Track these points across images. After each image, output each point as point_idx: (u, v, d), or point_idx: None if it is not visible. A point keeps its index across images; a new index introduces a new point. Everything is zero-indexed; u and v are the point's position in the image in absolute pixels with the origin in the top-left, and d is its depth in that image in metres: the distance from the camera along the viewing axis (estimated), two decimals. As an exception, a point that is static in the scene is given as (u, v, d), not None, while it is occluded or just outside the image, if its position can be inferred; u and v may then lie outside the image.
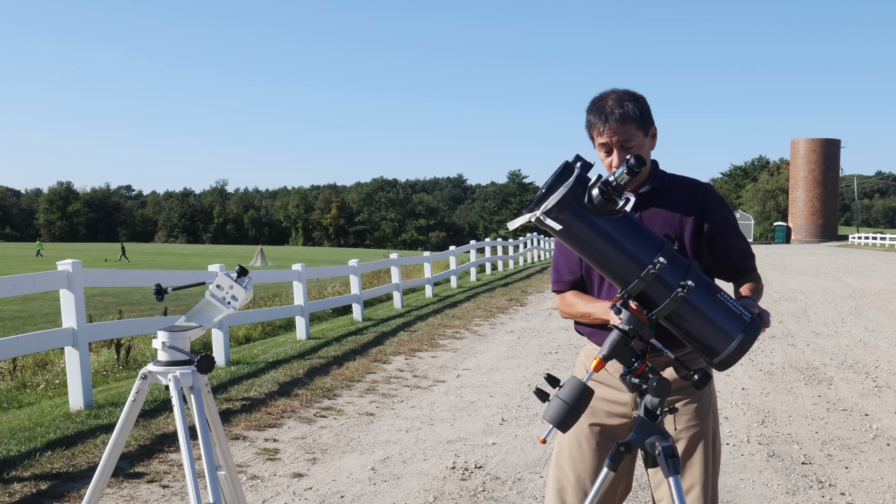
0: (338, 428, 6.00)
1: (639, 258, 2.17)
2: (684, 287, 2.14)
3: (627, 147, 2.47)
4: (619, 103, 2.45)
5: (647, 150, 2.51)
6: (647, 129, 2.50)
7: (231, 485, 2.67)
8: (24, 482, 4.53)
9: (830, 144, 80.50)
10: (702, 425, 2.62)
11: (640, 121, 2.47)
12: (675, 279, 2.17)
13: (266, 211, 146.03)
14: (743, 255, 2.62)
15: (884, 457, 5.34)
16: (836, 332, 11.50)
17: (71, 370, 6.41)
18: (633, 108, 2.45)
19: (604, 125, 2.47)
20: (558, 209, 2.15)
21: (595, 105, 2.50)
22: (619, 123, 2.44)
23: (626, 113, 2.44)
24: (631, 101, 2.46)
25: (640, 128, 2.48)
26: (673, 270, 2.17)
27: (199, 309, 2.60)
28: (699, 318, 2.21)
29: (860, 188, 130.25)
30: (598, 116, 2.48)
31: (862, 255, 42.58)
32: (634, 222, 2.21)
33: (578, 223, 2.16)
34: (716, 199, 2.58)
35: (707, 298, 2.20)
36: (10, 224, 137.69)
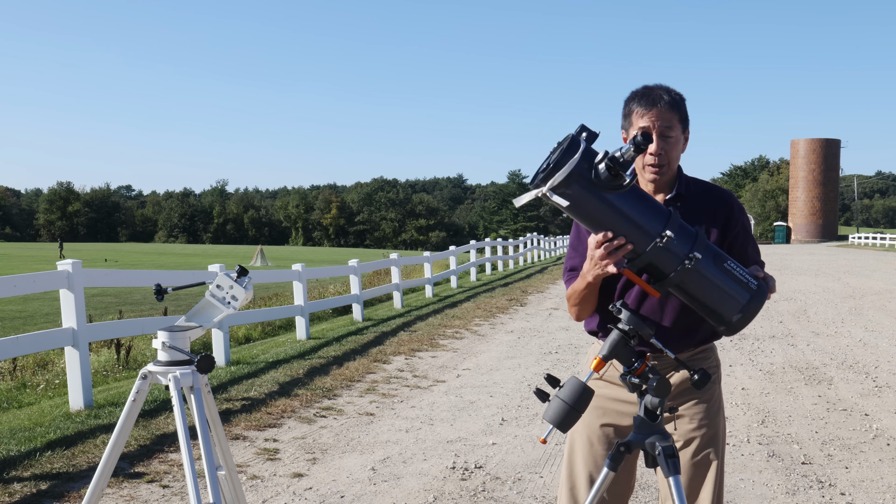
0: (338, 428, 6.00)
1: (647, 230, 2.19)
2: (692, 259, 2.18)
3: (667, 135, 2.47)
4: (668, 93, 2.48)
5: (679, 149, 2.53)
6: (684, 128, 2.53)
7: (231, 485, 2.67)
8: (24, 482, 4.53)
9: (830, 144, 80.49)
10: (713, 425, 2.63)
11: (682, 115, 2.51)
12: (683, 249, 2.20)
13: (266, 211, 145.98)
14: (754, 259, 2.62)
15: (884, 457, 5.34)
16: (836, 332, 11.50)
17: (71, 370, 6.41)
18: (680, 101, 2.50)
19: (650, 109, 2.46)
20: (565, 185, 2.15)
21: (641, 92, 2.50)
22: (667, 110, 2.46)
23: (674, 101, 2.47)
24: (678, 96, 2.51)
25: (681, 122, 2.50)
26: (680, 241, 2.20)
27: (199, 309, 2.60)
28: (707, 286, 2.24)
29: (860, 188, 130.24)
30: (645, 101, 2.47)
31: (862, 255, 42.58)
32: (642, 194, 2.22)
33: (586, 198, 2.16)
34: (739, 209, 2.62)
35: (714, 267, 2.23)
36: (10, 224, 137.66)
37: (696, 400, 2.62)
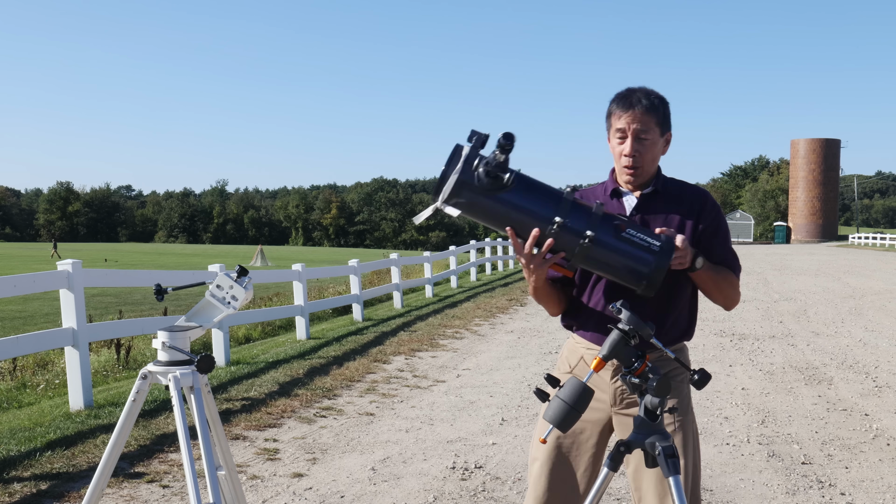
0: (338, 428, 6.00)
1: (543, 217, 2.31)
2: (587, 238, 2.31)
3: (642, 138, 2.52)
4: (647, 96, 2.52)
5: (658, 150, 2.58)
6: (663, 131, 2.57)
7: (231, 485, 2.67)
8: (24, 482, 4.53)
9: (830, 144, 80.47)
10: (682, 422, 2.63)
11: (661, 119, 2.54)
12: (580, 228, 2.31)
13: (266, 211, 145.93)
14: (721, 259, 2.61)
15: (884, 457, 5.34)
16: (836, 332, 11.50)
17: (71, 370, 6.41)
18: (659, 105, 2.53)
19: (626, 111, 2.51)
20: (455, 196, 2.31)
21: (621, 95, 2.56)
22: (642, 113, 2.50)
23: (652, 105, 2.51)
24: (658, 100, 2.54)
25: (659, 125, 2.54)
26: (575, 221, 2.31)
27: (199, 309, 2.60)
28: (611, 256, 2.35)
29: (860, 188, 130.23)
30: (623, 104, 2.53)
31: (862, 255, 42.58)
32: (530, 185, 2.33)
33: (477, 203, 2.32)
34: (712, 206, 2.64)
35: (614, 239, 2.34)
36: (10, 224, 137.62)
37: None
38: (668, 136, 2.60)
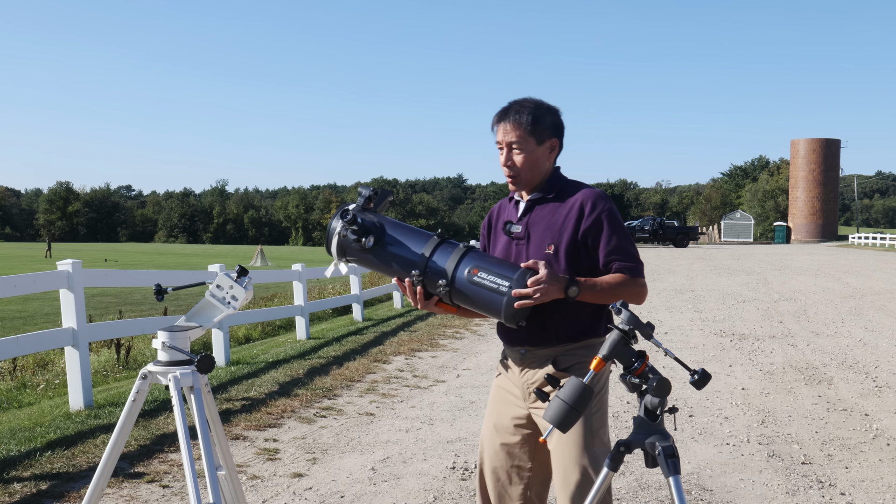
0: (338, 428, 6.00)
1: (409, 268, 2.55)
2: (440, 286, 2.51)
3: (516, 148, 2.65)
4: (519, 111, 2.65)
5: (538, 157, 2.67)
6: (541, 139, 2.66)
7: (231, 485, 2.67)
8: (24, 482, 4.53)
9: (830, 144, 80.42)
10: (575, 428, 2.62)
11: (533, 129, 2.64)
12: (440, 274, 2.52)
13: (266, 211, 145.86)
14: (609, 252, 2.61)
15: (884, 457, 5.34)
16: (836, 332, 11.50)
17: (71, 370, 6.41)
18: (528, 118, 2.64)
19: (498, 123, 2.69)
20: (341, 257, 2.58)
21: (501, 109, 2.71)
22: (512, 128, 2.64)
23: (519, 120, 2.64)
24: (530, 112, 2.65)
25: (532, 135, 2.65)
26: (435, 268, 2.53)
27: (199, 309, 2.60)
28: (469, 299, 2.53)
29: (860, 188, 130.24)
30: (498, 117, 2.70)
31: (862, 255, 42.58)
32: (399, 236, 2.57)
33: (362, 259, 2.58)
34: (594, 203, 2.64)
35: (468, 283, 2.52)
36: (10, 224, 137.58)
37: None
38: (552, 142, 2.70)
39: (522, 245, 2.68)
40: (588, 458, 2.62)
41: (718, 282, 21.28)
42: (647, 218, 58.91)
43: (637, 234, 55.17)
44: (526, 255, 2.67)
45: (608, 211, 2.64)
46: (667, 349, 2.32)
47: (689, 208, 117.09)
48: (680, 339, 10.64)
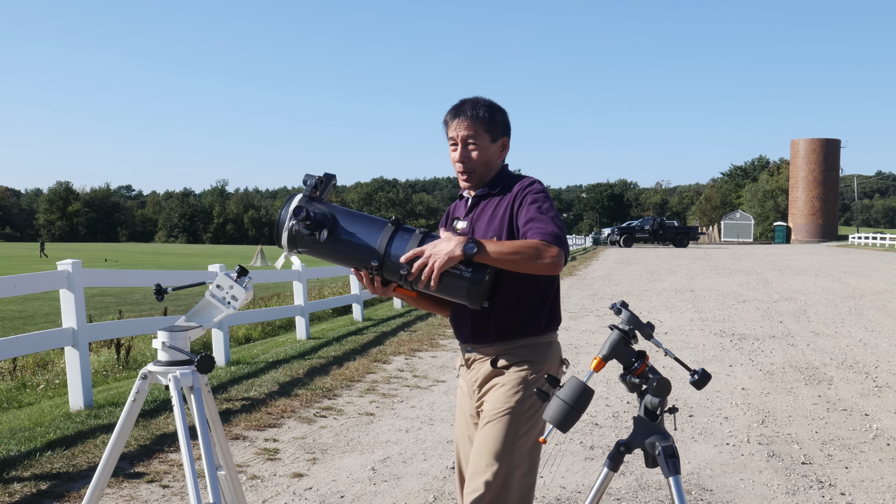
0: (338, 428, 6.00)
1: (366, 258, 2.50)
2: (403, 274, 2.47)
3: (470, 144, 2.68)
4: (474, 107, 2.69)
5: (491, 155, 2.70)
6: (494, 136, 2.70)
7: (231, 485, 2.67)
8: (24, 482, 4.53)
9: (830, 144, 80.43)
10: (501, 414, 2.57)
11: (488, 126, 2.68)
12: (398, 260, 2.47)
13: (266, 211, 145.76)
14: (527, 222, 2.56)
15: (884, 457, 5.34)
16: (836, 332, 11.50)
17: (71, 370, 6.41)
18: (485, 114, 2.68)
19: (453, 120, 2.70)
20: (291, 248, 2.54)
21: (453, 106, 2.73)
22: (469, 122, 2.66)
23: (477, 115, 2.67)
24: (486, 109, 2.69)
25: (488, 132, 2.68)
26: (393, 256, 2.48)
27: (199, 309, 2.60)
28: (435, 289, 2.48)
29: (860, 188, 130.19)
30: (451, 113, 2.71)
31: (862, 255, 42.58)
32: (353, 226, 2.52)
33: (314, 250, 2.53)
34: (523, 190, 2.64)
35: None
36: (10, 224, 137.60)
37: (497, 385, 2.63)
38: (504, 141, 2.74)
39: None
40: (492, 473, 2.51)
41: (718, 282, 21.28)
42: (647, 218, 58.94)
43: (637, 234, 55.22)
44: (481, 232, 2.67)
45: (535, 191, 2.63)
46: (667, 349, 2.32)
47: (689, 208, 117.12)
48: (680, 339, 10.64)
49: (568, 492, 4.61)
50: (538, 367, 2.62)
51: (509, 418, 2.55)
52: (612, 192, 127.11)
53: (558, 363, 2.71)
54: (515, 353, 2.63)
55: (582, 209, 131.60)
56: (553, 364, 2.68)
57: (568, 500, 4.48)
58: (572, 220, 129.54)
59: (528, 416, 2.57)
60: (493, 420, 2.57)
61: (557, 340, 2.77)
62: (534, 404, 2.57)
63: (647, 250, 47.85)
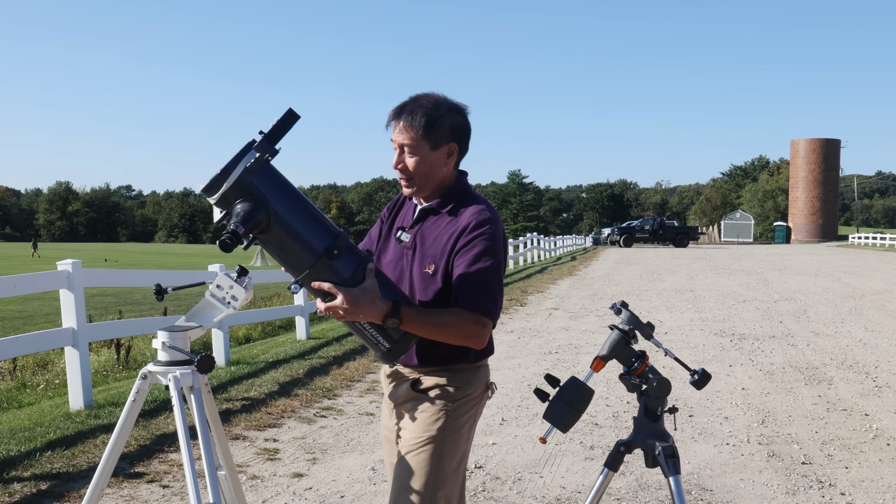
0: (338, 428, 6.00)
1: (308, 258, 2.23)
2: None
3: (408, 152, 2.42)
4: (413, 111, 2.40)
5: (434, 164, 2.43)
6: (435, 144, 2.41)
7: (231, 485, 2.67)
8: (24, 482, 4.53)
9: (830, 144, 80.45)
10: (422, 443, 2.42)
11: (426, 133, 2.39)
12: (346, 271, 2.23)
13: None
14: (461, 279, 2.33)
15: (884, 457, 5.34)
16: (836, 332, 11.50)
17: (71, 370, 6.41)
18: (422, 120, 2.39)
19: (391, 122, 2.46)
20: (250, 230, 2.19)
21: (397, 106, 2.46)
22: (407, 127, 2.40)
23: (411, 122, 2.40)
24: (425, 114, 2.39)
25: (426, 139, 2.40)
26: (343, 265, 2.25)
27: (199, 309, 2.59)
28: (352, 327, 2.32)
29: (860, 188, 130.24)
30: (392, 115, 2.46)
31: (862, 255, 42.58)
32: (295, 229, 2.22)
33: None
34: (470, 230, 2.38)
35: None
36: (10, 224, 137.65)
37: (417, 411, 2.47)
38: (449, 148, 2.44)
39: (409, 256, 2.48)
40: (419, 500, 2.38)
41: (718, 282, 21.28)
42: (647, 218, 58.95)
43: (637, 234, 55.25)
44: (410, 268, 2.47)
45: (482, 236, 2.36)
46: (667, 349, 2.32)
47: (689, 208, 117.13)
48: (680, 339, 10.64)
49: (568, 492, 4.61)
50: (462, 393, 2.47)
51: (432, 448, 2.40)
52: (612, 192, 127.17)
53: (483, 388, 2.55)
54: (438, 376, 2.47)
55: (582, 209, 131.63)
56: (477, 389, 2.52)
57: (568, 500, 4.49)
58: (572, 220, 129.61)
59: (451, 447, 2.42)
60: (413, 451, 2.42)
61: (486, 364, 2.60)
62: (455, 431, 2.43)
63: (647, 250, 47.86)
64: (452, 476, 2.42)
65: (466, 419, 2.47)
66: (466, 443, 2.47)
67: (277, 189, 2.19)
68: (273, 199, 2.17)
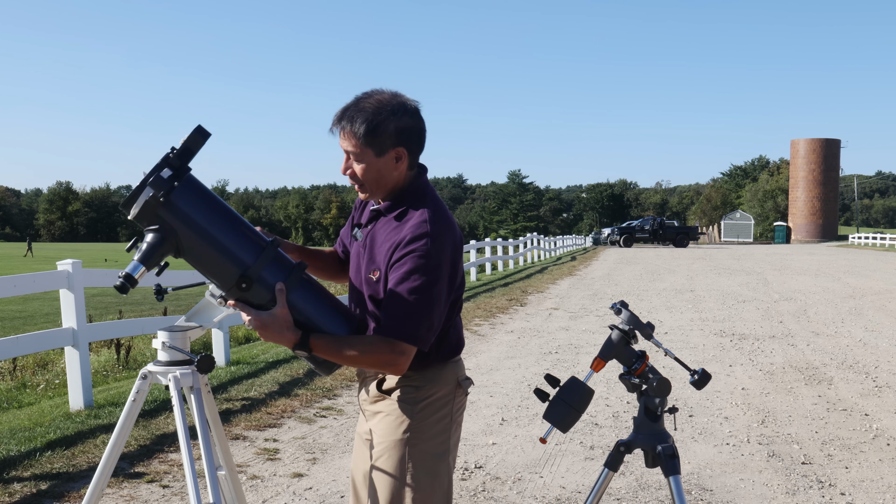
0: (338, 428, 6.00)
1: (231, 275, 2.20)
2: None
3: (353, 158, 2.31)
4: (353, 116, 2.26)
5: (381, 169, 2.29)
6: (380, 150, 2.27)
7: (231, 485, 2.67)
8: (24, 482, 4.53)
9: (830, 144, 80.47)
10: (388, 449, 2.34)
11: (368, 139, 2.25)
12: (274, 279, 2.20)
13: (266, 211, 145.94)
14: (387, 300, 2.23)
15: (884, 457, 5.34)
16: (836, 332, 11.50)
17: (71, 370, 6.41)
18: (361, 128, 2.25)
19: (332, 130, 2.33)
20: None
21: (338, 111, 2.31)
22: (346, 135, 2.28)
23: (352, 129, 2.26)
24: (365, 120, 2.25)
25: (369, 146, 2.26)
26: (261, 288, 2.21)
27: (199, 309, 2.59)
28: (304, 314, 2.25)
29: (860, 188, 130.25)
30: (334, 121, 2.32)
31: (862, 255, 42.59)
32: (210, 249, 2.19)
33: None
34: (405, 245, 2.23)
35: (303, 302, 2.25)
36: (10, 224, 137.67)
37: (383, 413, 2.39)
38: (398, 152, 2.28)
39: (362, 256, 2.39)
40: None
41: (718, 282, 21.28)
42: (647, 218, 58.98)
43: (637, 234, 55.27)
44: (360, 271, 2.39)
45: (416, 254, 2.20)
46: (667, 349, 2.32)
47: (689, 208, 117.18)
48: (680, 339, 10.64)
49: (568, 492, 4.61)
50: (426, 392, 2.36)
51: (398, 454, 2.32)
52: (612, 192, 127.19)
53: (453, 385, 2.41)
54: (404, 376, 2.35)
55: (582, 209, 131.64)
56: (443, 388, 2.38)
57: (568, 500, 4.49)
58: (572, 220, 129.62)
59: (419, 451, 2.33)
60: (381, 457, 2.35)
61: (456, 360, 2.45)
62: (422, 433, 2.33)
63: (647, 250, 47.86)
64: (428, 480, 2.33)
65: (436, 419, 2.36)
66: (442, 444, 2.36)
67: (186, 216, 2.13)
68: (181, 227, 2.14)
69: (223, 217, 2.19)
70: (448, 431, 2.37)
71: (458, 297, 2.37)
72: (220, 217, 2.18)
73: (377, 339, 2.21)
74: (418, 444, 2.32)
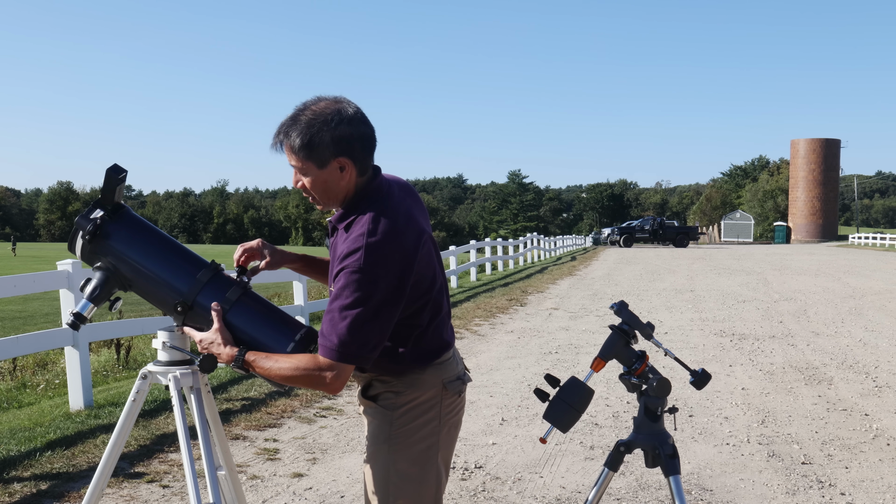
0: (338, 428, 6.00)
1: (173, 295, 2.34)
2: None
3: (298, 174, 2.27)
4: (288, 131, 2.23)
5: (327, 181, 2.25)
6: (321, 163, 2.22)
7: (231, 485, 2.67)
8: (24, 482, 4.53)
9: (830, 144, 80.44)
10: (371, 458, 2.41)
11: (307, 154, 2.21)
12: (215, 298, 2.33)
13: (266, 211, 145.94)
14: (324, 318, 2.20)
15: (884, 457, 5.34)
16: (836, 332, 11.50)
17: (71, 370, 6.41)
18: (297, 142, 2.20)
19: (273, 145, 2.29)
20: None
21: (283, 120, 2.27)
22: (286, 151, 2.25)
23: (290, 144, 2.23)
24: (299, 134, 2.20)
25: (309, 159, 2.21)
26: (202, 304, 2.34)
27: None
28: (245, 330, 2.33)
29: (860, 188, 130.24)
30: (273, 138, 2.28)
31: (862, 255, 42.58)
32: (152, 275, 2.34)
33: None
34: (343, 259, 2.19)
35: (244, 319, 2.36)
36: (10, 224, 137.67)
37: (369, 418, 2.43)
38: (340, 162, 2.22)
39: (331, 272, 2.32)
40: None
41: (718, 282, 21.28)
42: (647, 218, 58.98)
43: (637, 234, 55.27)
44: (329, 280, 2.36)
45: (350, 269, 2.15)
46: (667, 349, 2.32)
47: (689, 208, 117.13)
48: (680, 339, 10.64)
49: (568, 492, 4.61)
50: (407, 398, 2.33)
51: (380, 461, 2.39)
52: (612, 192, 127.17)
53: (438, 389, 2.34)
54: (386, 382, 2.35)
55: (582, 209, 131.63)
56: (426, 392, 2.33)
57: (568, 500, 4.49)
58: (572, 220, 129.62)
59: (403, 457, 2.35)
60: (369, 461, 2.45)
61: (439, 363, 2.36)
62: (404, 438, 2.34)
63: (647, 250, 47.86)
64: (412, 485, 2.37)
65: (420, 424, 2.34)
66: (429, 448, 2.35)
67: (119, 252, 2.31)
68: (119, 263, 2.32)
69: (158, 248, 2.34)
70: (436, 434, 2.35)
71: (429, 301, 2.30)
72: (153, 249, 2.34)
73: (308, 358, 2.19)
74: (402, 450, 2.34)
